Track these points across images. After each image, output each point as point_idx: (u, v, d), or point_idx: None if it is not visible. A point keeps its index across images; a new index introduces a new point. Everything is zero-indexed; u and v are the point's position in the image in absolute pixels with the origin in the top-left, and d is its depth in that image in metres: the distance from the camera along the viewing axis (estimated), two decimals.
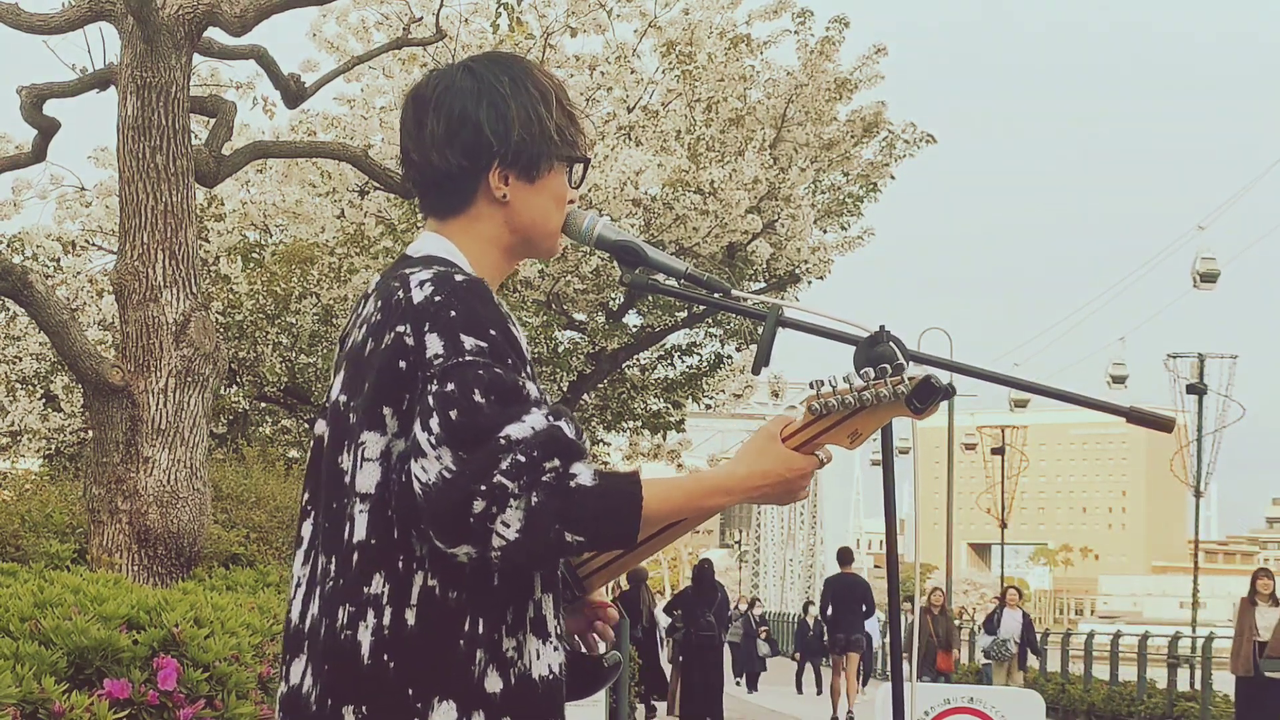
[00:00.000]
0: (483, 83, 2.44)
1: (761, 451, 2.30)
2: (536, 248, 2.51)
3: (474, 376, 2.22)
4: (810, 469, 2.31)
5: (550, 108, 2.44)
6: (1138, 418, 2.42)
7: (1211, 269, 30.00)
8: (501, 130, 2.41)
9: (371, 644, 2.27)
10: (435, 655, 2.26)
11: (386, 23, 14.37)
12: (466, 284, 2.31)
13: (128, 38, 7.94)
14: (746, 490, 2.32)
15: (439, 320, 2.27)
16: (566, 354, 15.55)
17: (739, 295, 2.55)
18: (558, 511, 2.18)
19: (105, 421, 7.65)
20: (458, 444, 2.19)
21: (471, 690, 2.26)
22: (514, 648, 2.30)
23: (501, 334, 2.28)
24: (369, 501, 2.32)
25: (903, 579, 29.24)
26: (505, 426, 2.20)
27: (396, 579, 2.29)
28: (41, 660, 4.41)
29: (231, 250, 16.14)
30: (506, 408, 2.21)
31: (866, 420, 2.24)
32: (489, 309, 2.30)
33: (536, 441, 2.19)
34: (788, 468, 2.29)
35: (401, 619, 2.27)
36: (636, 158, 13.91)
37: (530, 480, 2.17)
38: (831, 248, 16.37)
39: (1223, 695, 18.94)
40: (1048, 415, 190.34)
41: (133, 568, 7.48)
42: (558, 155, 2.45)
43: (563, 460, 2.20)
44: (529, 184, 2.45)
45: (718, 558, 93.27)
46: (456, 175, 2.44)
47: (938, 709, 7.77)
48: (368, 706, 2.26)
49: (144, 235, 7.81)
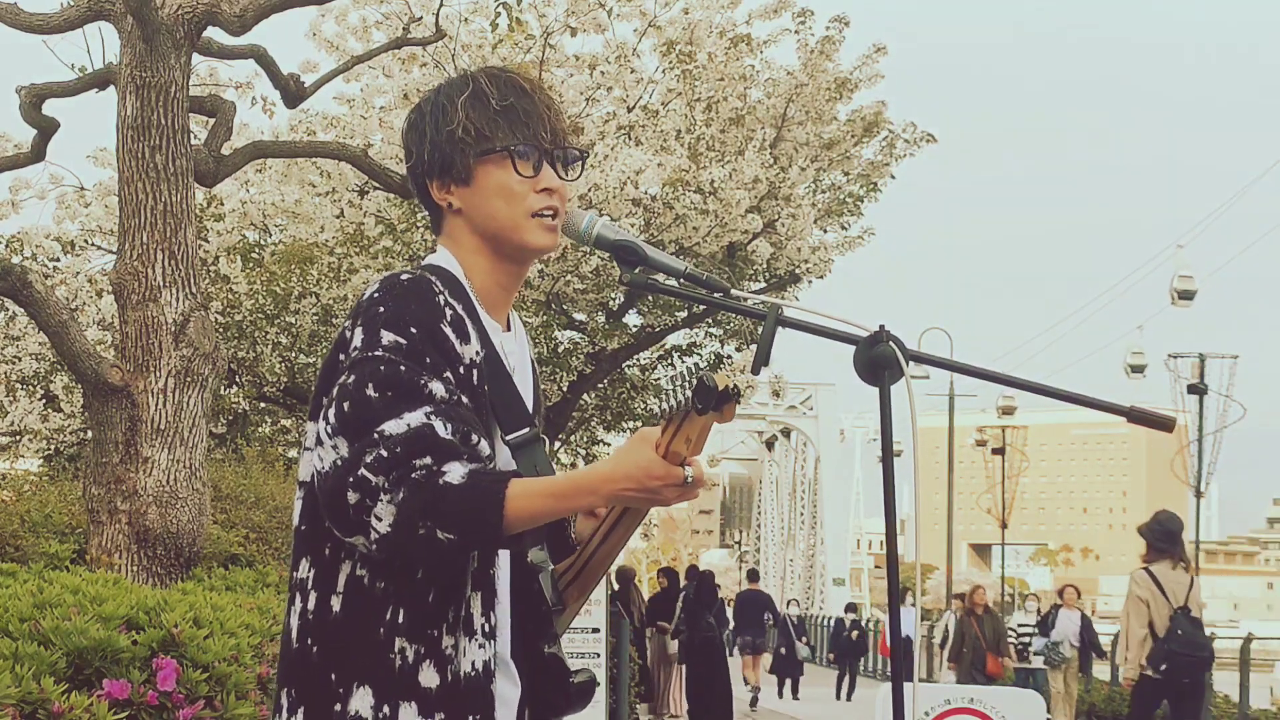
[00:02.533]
0: (416, 111, 2.57)
1: (628, 453, 2.29)
2: (509, 242, 2.52)
3: (373, 371, 2.28)
4: (670, 478, 2.24)
5: (461, 108, 2.48)
6: (1139, 417, 2.42)
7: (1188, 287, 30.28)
8: (419, 149, 2.52)
9: (298, 628, 2.36)
10: (356, 642, 2.31)
11: (386, 22, 14.36)
12: (408, 282, 2.38)
13: (127, 37, 7.93)
14: (609, 491, 2.28)
15: (366, 315, 2.34)
16: (566, 354, 15.54)
17: (739, 295, 2.55)
18: (424, 508, 2.21)
19: (104, 421, 7.64)
20: (349, 435, 2.26)
21: (393, 679, 2.30)
22: (453, 645, 2.33)
23: (424, 332, 2.32)
24: (303, 489, 2.41)
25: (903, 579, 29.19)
26: (384, 422, 2.24)
27: (322, 564, 2.35)
28: (41, 660, 4.40)
29: (231, 250, 16.13)
30: (393, 404, 2.26)
31: (690, 427, 2.22)
32: (422, 307, 2.34)
33: (404, 438, 2.23)
34: (646, 473, 2.25)
35: (326, 604, 2.33)
36: (636, 157, 13.90)
37: (398, 476, 2.22)
38: (831, 248, 16.35)
39: (1223, 695, 18.94)
40: (1048, 415, 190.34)
41: (132, 568, 7.47)
42: (473, 152, 2.48)
43: (434, 458, 2.23)
44: (466, 186, 2.50)
45: (718, 558, 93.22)
46: (421, 198, 2.57)
47: (938, 709, 7.76)
48: (295, 689, 2.35)
49: (143, 235, 7.80)
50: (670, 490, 2.25)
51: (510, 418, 2.45)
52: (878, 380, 2.32)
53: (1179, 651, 10.06)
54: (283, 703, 2.36)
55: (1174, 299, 30.32)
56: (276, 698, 2.39)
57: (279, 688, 2.38)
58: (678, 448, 2.23)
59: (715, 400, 2.16)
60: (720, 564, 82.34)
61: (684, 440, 2.22)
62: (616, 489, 2.28)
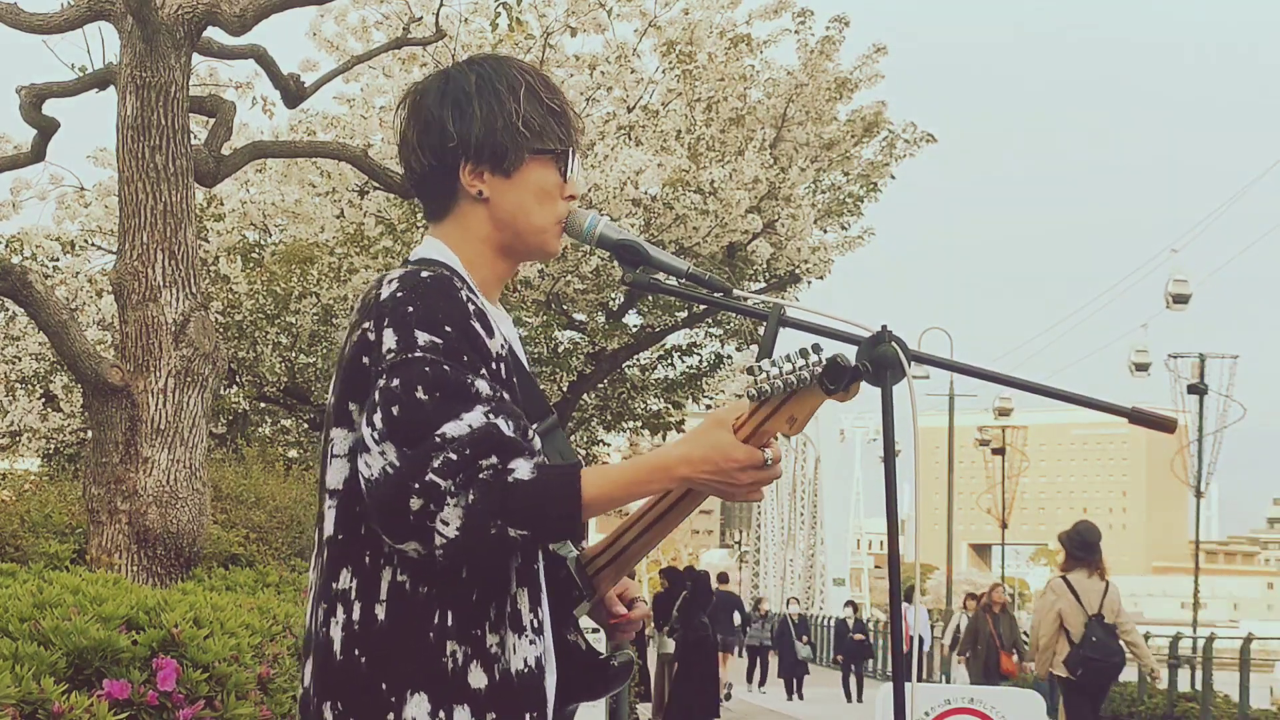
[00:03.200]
0: (450, 83, 2.47)
1: (703, 434, 2.25)
2: (527, 243, 2.50)
3: (419, 373, 2.23)
4: (751, 461, 2.21)
5: (518, 100, 2.44)
6: (1139, 418, 2.42)
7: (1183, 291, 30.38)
8: (464, 128, 2.43)
9: (343, 639, 2.30)
10: (406, 649, 2.27)
11: (386, 22, 14.35)
12: (431, 280, 2.33)
13: (127, 37, 7.93)
14: (684, 473, 2.24)
15: (396, 316, 2.28)
16: (566, 354, 15.54)
17: (740, 295, 2.54)
18: (496, 508, 2.18)
19: (104, 421, 7.64)
20: (400, 440, 2.20)
21: (447, 683, 2.27)
22: (498, 644, 2.30)
23: (459, 330, 2.29)
24: (337, 497, 2.34)
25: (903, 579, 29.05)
26: (443, 424, 2.20)
27: (364, 574, 2.30)
28: (41, 661, 4.40)
29: (231, 250, 16.13)
30: (447, 405, 2.22)
31: (799, 405, 2.19)
32: (450, 305, 2.30)
33: (470, 439, 2.19)
34: (725, 456, 2.21)
35: (371, 613, 2.28)
36: (636, 158, 13.89)
37: (466, 478, 2.18)
38: (831, 248, 16.34)
39: (1223, 695, 18.94)
40: (1048, 415, 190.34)
41: (132, 568, 7.47)
42: (528, 148, 2.44)
43: (500, 456, 2.20)
44: (505, 179, 2.45)
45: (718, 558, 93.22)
46: (431, 177, 2.47)
47: (938, 709, 7.75)
48: (343, 702, 2.28)
49: (143, 235, 7.80)
50: (746, 474, 2.21)
51: (533, 406, 2.43)
52: (880, 380, 2.31)
53: (1092, 657, 10.44)
54: (327, 717, 2.29)
55: (1169, 303, 30.44)
56: (315, 712, 2.30)
57: (318, 700, 2.30)
58: (774, 426, 2.20)
59: (846, 379, 2.14)
60: (720, 564, 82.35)
61: (786, 419, 2.19)
62: (692, 471, 2.23)
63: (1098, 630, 10.45)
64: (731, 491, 2.26)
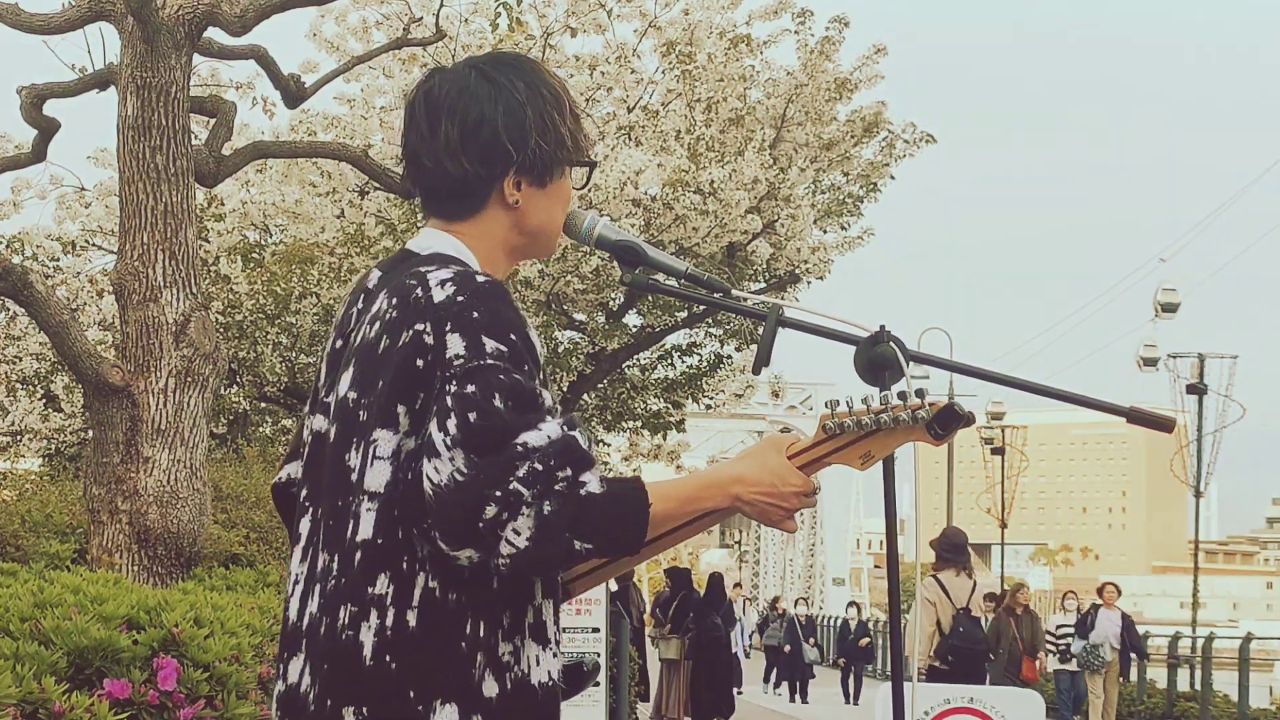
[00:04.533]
0: (498, 87, 2.42)
1: (760, 456, 2.27)
2: (540, 248, 2.52)
3: (495, 380, 2.20)
4: (806, 489, 2.25)
5: (564, 113, 2.44)
6: (1138, 418, 2.42)
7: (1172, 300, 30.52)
8: (519, 138, 2.40)
9: (374, 644, 2.25)
10: (437, 657, 2.24)
11: (386, 23, 14.37)
12: (488, 285, 2.30)
13: (128, 38, 7.93)
14: (738, 492, 2.27)
15: (461, 320, 2.25)
16: (566, 354, 15.54)
17: (739, 295, 2.55)
18: (569, 520, 2.17)
19: (105, 421, 7.64)
20: (473, 447, 2.17)
21: (472, 693, 2.25)
22: (510, 652, 2.29)
23: (521, 339, 2.27)
24: (377, 500, 2.29)
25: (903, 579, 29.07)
26: (522, 433, 2.18)
27: (400, 579, 2.27)
28: (41, 660, 4.40)
29: (231, 250, 16.14)
30: (524, 414, 2.20)
31: (881, 442, 2.22)
32: (510, 312, 2.29)
33: (552, 450, 2.18)
34: (781, 479, 2.25)
35: (404, 620, 2.25)
36: (636, 158, 13.90)
37: (544, 489, 2.16)
38: (831, 248, 16.35)
39: (1223, 695, 18.95)
40: (1048, 415, 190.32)
41: (133, 568, 7.47)
42: (569, 160, 2.46)
43: (574, 469, 2.18)
44: (540, 189, 2.44)
45: (718, 558, 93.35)
46: (471, 181, 2.42)
47: (938, 709, 7.76)
48: (369, 707, 2.24)
49: (144, 235, 7.81)
50: (797, 500, 2.25)
51: None
52: (878, 380, 2.32)
53: (959, 645, 11.82)
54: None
55: (1158, 311, 30.63)
56: (331, 715, 2.27)
57: (334, 705, 2.27)
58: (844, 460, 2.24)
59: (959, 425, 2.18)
60: (720, 564, 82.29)
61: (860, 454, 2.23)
62: (747, 491, 2.25)
63: (964, 622, 11.79)
64: (776, 515, 2.28)
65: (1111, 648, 18.08)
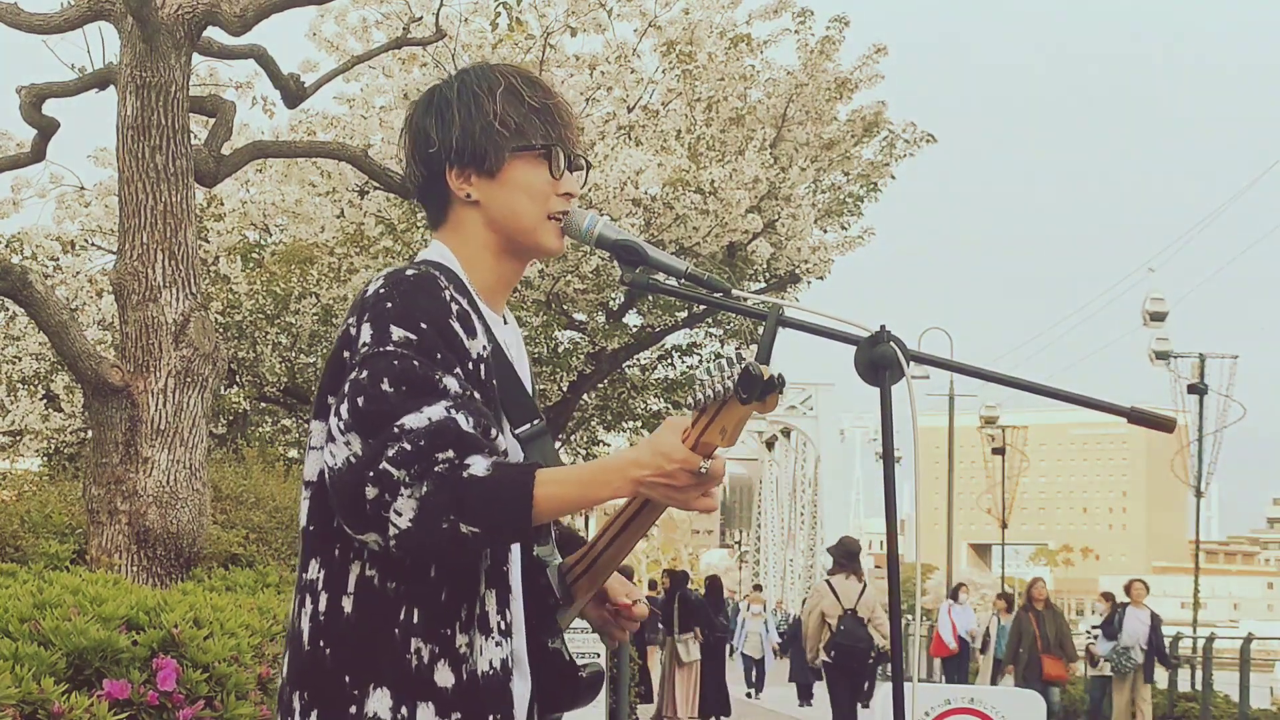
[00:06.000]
0: (435, 94, 2.52)
1: (653, 438, 2.24)
2: (522, 243, 2.51)
3: (385, 366, 2.26)
4: (689, 464, 2.17)
5: (495, 100, 2.46)
6: (1139, 418, 2.42)
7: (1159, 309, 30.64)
8: (444, 133, 2.47)
9: (310, 630, 2.33)
10: (370, 643, 2.29)
11: (386, 22, 14.35)
12: (414, 278, 2.35)
13: (127, 37, 7.93)
14: (632, 475, 2.22)
15: (375, 311, 2.32)
16: (566, 354, 15.55)
17: (739, 295, 2.54)
18: (449, 502, 2.18)
19: (104, 422, 7.64)
20: (363, 430, 2.23)
21: (410, 680, 2.28)
22: (467, 644, 2.32)
23: (435, 327, 2.31)
24: (310, 489, 2.38)
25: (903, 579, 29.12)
26: (403, 416, 2.22)
27: (332, 565, 2.33)
28: (41, 661, 4.40)
29: (231, 250, 16.14)
30: (410, 399, 2.24)
31: (728, 415, 2.16)
32: (431, 302, 2.33)
33: (427, 432, 2.21)
34: (666, 457, 2.17)
35: (338, 606, 2.31)
36: (636, 158, 13.90)
37: (420, 470, 2.19)
38: (831, 248, 16.35)
39: (1223, 695, 18.93)
40: (1048, 415, 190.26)
41: (132, 568, 7.47)
42: (509, 146, 2.46)
43: (457, 451, 2.21)
44: (491, 180, 2.47)
45: (717, 558, 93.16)
46: (425, 186, 2.51)
47: (938, 709, 7.76)
48: (309, 692, 2.31)
49: (144, 235, 7.80)
50: (684, 476, 2.19)
51: (518, 411, 2.44)
52: (878, 380, 2.31)
53: (843, 643, 13.14)
54: (294, 706, 2.32)
55: (1146, 320, 30.67)
56: (286, 701, 2.34)
57: (289, 690, 2.34)
58: (710, 438, 2.18)
59: (760, 389, 2.12)
60: (720, 564, 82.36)
61: (718, 430, 2.17)
62: (639, 475, 2.22)
63: (849, 622, 13.12)
64: (676, 497, 2.22)
65: (1141, 649, 16.87)
